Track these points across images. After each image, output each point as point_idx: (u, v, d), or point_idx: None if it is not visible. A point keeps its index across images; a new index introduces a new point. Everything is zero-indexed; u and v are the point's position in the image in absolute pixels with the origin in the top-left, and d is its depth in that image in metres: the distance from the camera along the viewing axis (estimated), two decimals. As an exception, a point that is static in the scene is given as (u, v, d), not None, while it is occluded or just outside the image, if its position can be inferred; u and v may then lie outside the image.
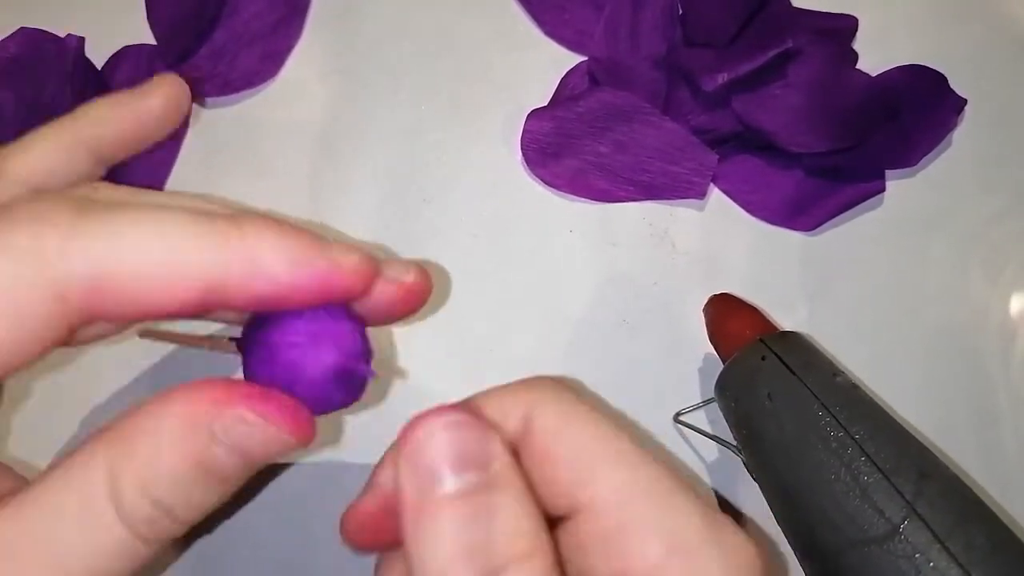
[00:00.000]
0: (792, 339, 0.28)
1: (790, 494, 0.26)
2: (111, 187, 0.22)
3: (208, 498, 0.17)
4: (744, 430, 0.27)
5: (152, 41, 0.35)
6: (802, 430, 0.26)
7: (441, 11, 0.36)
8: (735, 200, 0.34)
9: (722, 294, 0.31)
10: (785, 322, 0.31)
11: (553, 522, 0.19)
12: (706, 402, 0.31)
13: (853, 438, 0.25)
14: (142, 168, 0.34)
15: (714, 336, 0.30)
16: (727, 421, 0.29)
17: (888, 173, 0.34)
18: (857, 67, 0.35)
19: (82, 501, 0.16)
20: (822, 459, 0.25)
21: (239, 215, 0.18)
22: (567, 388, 0.21)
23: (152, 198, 0.21)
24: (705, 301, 0.31)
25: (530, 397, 0.20)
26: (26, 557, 0.16)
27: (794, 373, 0.26)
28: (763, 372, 0.27)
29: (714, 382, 0.29)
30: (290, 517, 0.30)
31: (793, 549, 0.26)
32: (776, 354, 0.27)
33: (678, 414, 0.31)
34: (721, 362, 0.29)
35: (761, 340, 0.28)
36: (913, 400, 0.31)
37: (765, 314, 0.30)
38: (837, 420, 0.25)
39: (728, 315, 0.30)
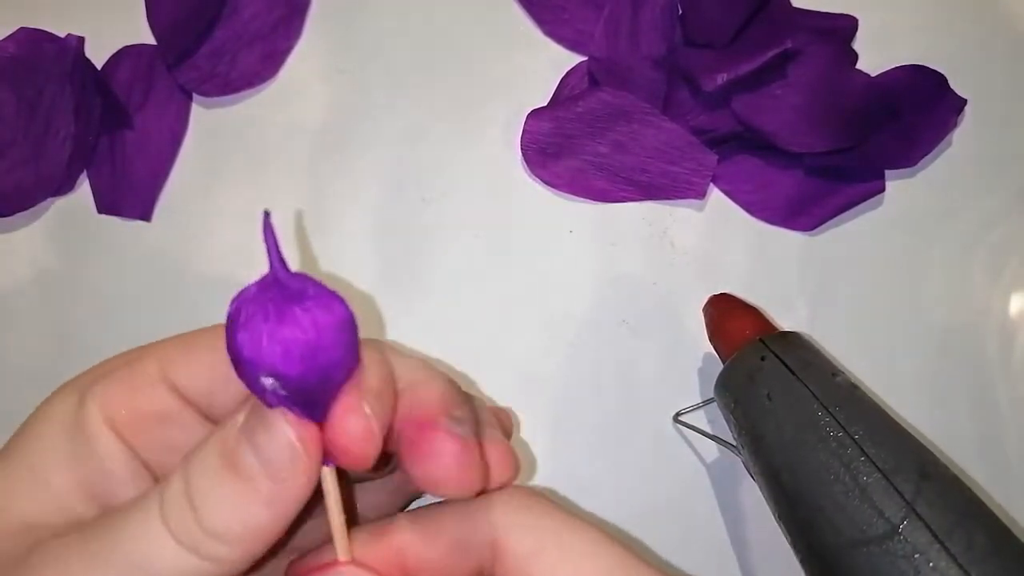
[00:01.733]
0: (792, 339, 0.28)
1: (789, 494, 0.26)
2: None
3: (229, 503, 0.17)
4: (744, 430, 0.27)
5: (152, 41, 0.35)
6: (801, 430, 0.25)
7: (441, 11, 0.36)
8: (735, 200, 0.34)
9: (722, 294, 0.31)
10: (785, 322, 0.31)
11: None
12: (706, 402, 0.31)
13: (852, 438, 0.25)
14: (142, 168, 0.34)
15: (714, 336, 0.30)
16: (727, 421, 0.29)
17: (888, 173, 0.34)
18: (857, 67, 0.35)
19: (145, 494, 0.18)
20: (821, 459, 0.25)
21: None
22: (538, 498, 0.19)
23: None
24: (705, 301, 0.31)
25: (497, 515, 0.19)
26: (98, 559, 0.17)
27: (793, 373, 0.26)
28: (762, 372, 0.27)
29: (714, 382, 0.29)
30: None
31: (793, 549, 0.26)
32: (775, 354, 0.27)
33: (678, 414, 0.31)
34: (721, 362, 0.29)
35: (761, 340, 0.28)
36: (913, 400, 0.31)
37: (765, 314, 0.30)
38: (836, 420, 0.25)
39: (728, 315, 0.30)
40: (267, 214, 0.16)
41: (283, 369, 0.16)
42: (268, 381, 0.16)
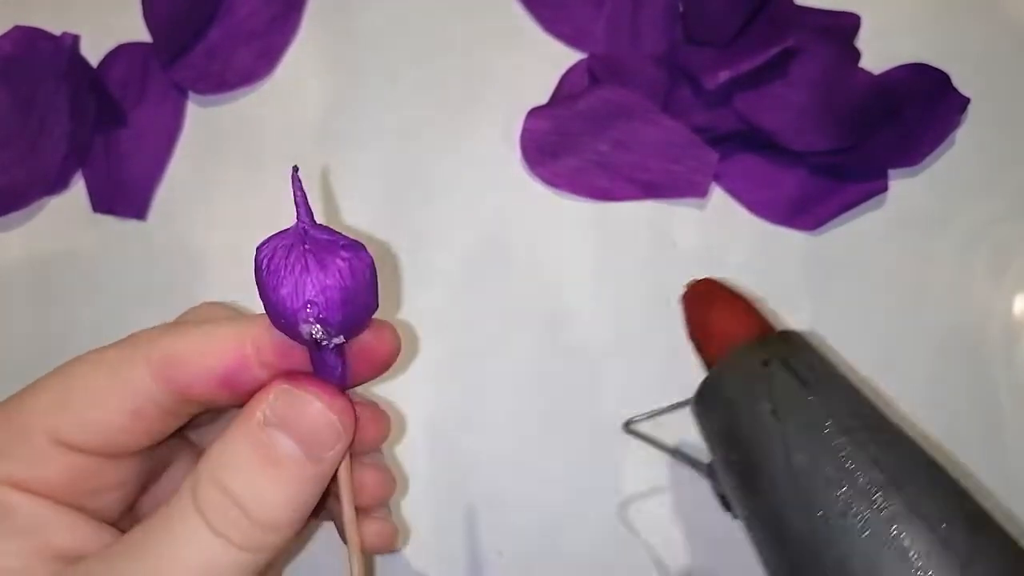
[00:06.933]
0: (801, 342, 0.23)
1: (796, 543, 0.20)
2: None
3: (277, 493, 0.17)
4: (732, 454, 0.22)
5: (147, 39, 0.35)
6: (818, 461, 0.20)
7: (439, 8, 0.36)
8: (737, 199, 0.34)
9: (705, 279, 0.26)
10: (787, 322, 0.31)
11: None
12: (673, 407, 0.26)
13: (883, 473, 0.20)
14: (138, 167, 0.34)
15: (695, 333, 0.25)
16: (706, 439, 0.24)
17: (891, 172, 0.34)
18: (860, 65, 0.35)
19: (171, 512, 0.18)
20: (844, 500, 0.19)
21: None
22: None
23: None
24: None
25: None
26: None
27: (806, 385, 0.21)
28: (765, 382, 0.22)
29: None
30: None
31: None
32: (782, 360, 0.22)
33: (629, 422, 0.27)
34: (704, 365, 0.24)
35: (763, 342, 0.23)
36: (917, 401, 0.31)
37: (759, 308, 0.26)
38: (864, 451, 0.20)
39: (713, 307, 0.25)
40: (296, 169, 0.17)
41: (327, 315, 0.17)
42: (314, 328, 0.17)
